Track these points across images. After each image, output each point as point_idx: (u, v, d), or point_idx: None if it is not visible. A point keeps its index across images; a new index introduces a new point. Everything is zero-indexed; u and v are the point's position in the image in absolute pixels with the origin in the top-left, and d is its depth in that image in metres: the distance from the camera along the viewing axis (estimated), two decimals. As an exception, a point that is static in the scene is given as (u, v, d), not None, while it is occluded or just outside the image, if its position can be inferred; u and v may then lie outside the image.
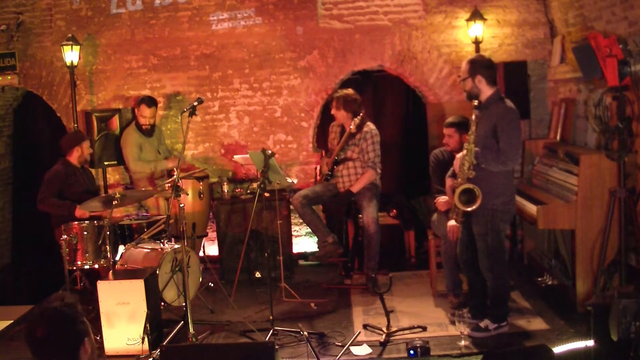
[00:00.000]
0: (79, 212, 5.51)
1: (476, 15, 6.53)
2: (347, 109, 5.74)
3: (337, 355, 4.37)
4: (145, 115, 6.42)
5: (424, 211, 6.86)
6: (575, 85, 6.07)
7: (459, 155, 4.59)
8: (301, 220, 7.04)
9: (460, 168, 4.47)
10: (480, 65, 4.46)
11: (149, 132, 6.50)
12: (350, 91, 5.83)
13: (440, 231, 5.22)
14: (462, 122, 5.23)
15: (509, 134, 4.35)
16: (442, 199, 5.24)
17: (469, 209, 4.39)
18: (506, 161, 4.36)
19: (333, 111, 5.84)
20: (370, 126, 5.74)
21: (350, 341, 4.54)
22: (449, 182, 5.02)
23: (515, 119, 4.44)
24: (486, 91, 4.47)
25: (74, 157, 5.88)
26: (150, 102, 6.46)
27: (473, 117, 4.46)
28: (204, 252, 6.45)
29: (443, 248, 5.19)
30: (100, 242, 5.15)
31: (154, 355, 4.25)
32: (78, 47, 6.82)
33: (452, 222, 4.79)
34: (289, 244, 6.37)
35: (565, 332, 4.51)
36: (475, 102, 4.47)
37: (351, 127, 5.64)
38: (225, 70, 7.03)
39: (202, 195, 6.24)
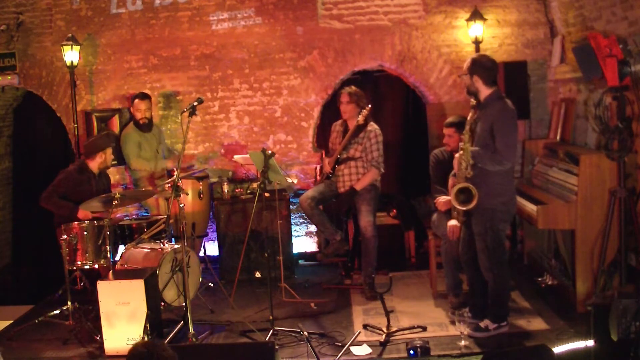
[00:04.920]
0: (82, 213, 5.50)
1: (476, 15, 6.53)
2: (359, 103, 5.69)
3: (337, 355, 4.37)
4: (140, 108, 6.43)
5: (424, 211, 6.86)
6: (575, 85, 6.08)
7: (457, 155, 4.60)
8: (301, 221, 7.07)
9: (458, 168, 4.48)
10: (479, 66, 4.48)
11: (147, 126, 6.48)
12: (356, 88, 5.81)
13: (441, 231, 5.22)
14: (462, 122, 5.22)
15: (505, 133, 4.36)
16: (442, 199, 5.24)
17: (466, 208, 4.41)
18: (502, 160, 4.36)
19: (343, 106, 5.71)
20: (373, 125, 5.71)
21: (350, 341, 4.54)
22: (451, 181, 5.03)
23: (512, 118, 4.45)
24: (484, 90, 4.49)
25: (95, 163, 5.79)
26: (143, 95, 6.51)
27: (468, 117, 4.49)
28: (204, 252, 6.45)
29: (443, 248, 5.19)
30: (100, 242, 5.15)
31: (154, 355, 4.24)
32: (78, 47, 6.82)
33: (452, 222, 4.79)
34: (289, 244, 6.37)
35: (565, 332, 4.51)
36: (472, 102, 4.50)
37: (359, 119, 5.59)
38: (225, 70, 7.04)
39: (202, 195, 6.24)
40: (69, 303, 5.09)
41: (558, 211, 4.91)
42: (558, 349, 4.14)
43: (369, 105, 5.64)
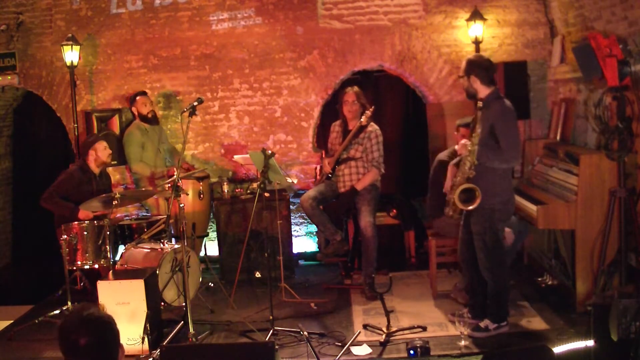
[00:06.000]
0: (83, 214, 5.50)
1: (476, 15, 6.53)
2: (363, 104, 5.72)
3: (337, 355, 4.37)
4: (146, 103, 6.50)
5: (424, 211, 6.87)
6: (575, 85, 6.07)
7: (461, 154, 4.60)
8: (301, 221, 7.07)
9: (461, 167, 4.49)
10: (476, 66, 4.49)
11: (154, 119, 6.55)
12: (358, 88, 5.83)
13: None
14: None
15: (507, 132, 4.37)
16: (463, 141, 4.82)
17: (468, 208, 4.41)
18: (509, 159, 4.39)
19: (349, 105, 5.71)
20: (374, 125, 5.73)
21: (350, 341, 4.54)
22: (451, 171, 4.96)
23: (512, 117, 4.46)
24: (482, 90, 4.50)
25: (91, 161, 5.82)
26: (143, 92, 6.62)
27: (477, 118, 4.49)
28: (205, 252, 6.45)
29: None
30: (100, 242, 5.15)
31: (154, 355, 4.24)
32: (78, 47, 6.81)
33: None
34: (289, 244, 6.37)
35: (565, 332, 4.51)
36: (480, 104, 4.49)
37: (362, 119, 5.62)
38: (225, 70, 7.03)
39: (202, 195, 6.25)
40: (69, 303, 5.09)
41: (558, 211, 4.91)
42: (558, 349, 4.14)
43: (372, 107, 5.66)
